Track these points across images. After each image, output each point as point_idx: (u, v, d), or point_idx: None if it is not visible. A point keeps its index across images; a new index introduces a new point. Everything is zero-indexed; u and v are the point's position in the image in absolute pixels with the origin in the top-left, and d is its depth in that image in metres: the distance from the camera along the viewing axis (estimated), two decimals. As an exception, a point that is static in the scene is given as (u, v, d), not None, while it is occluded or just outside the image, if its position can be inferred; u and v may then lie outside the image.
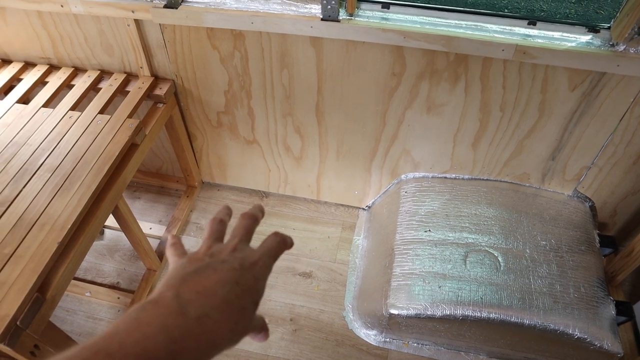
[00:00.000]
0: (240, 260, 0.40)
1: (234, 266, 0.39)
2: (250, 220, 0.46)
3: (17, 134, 1.36)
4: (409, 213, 1.58)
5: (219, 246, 0.42)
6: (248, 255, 0.41)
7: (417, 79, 1.36)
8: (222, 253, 0.41)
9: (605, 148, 1.41)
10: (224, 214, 0.48)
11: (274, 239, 0.45)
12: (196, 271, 0.38)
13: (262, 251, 0.43)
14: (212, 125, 1.71)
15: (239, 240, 0.43)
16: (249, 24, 1.30)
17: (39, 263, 1.07)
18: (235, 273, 0.38)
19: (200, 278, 0.37)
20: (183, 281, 0.37)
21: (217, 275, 0.37)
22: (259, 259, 0.41)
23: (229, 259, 0.40)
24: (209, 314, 0.34)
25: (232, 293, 0.37)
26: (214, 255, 0.40)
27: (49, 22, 1.48)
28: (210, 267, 0.38)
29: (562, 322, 1.31)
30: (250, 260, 0.40)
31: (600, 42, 1.19)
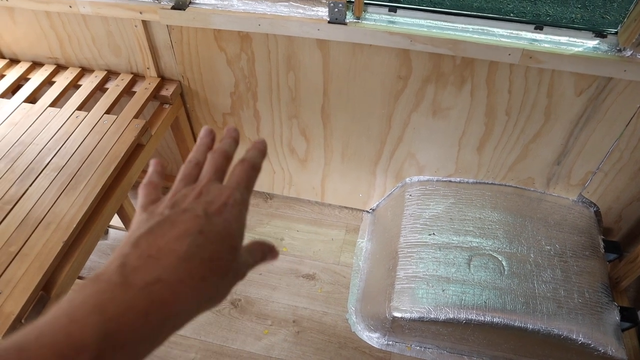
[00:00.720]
0: (205, 204, 0.35)
1: (196, 213, 0.34)
2: (221, 157, 0.40)
3: (24, 133, 1.36)
4: (414, 216, 1.58)
5: (183, 193, 0.37)
6: (215, 197, 0.35)
7: (423, 82, 1.36)
8: (184, 201, 0.36)
9: (611, 153, 1.41)
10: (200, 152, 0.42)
11: (241, 167, 0.39)
12: (150, 230, 0.33)
13: (231, 187, 0.37)
14: (218, 126, 1.72)
15: (206, 181, 0.38)
16: (256, 26, 1.30)
17: (44, 262, 1.07)
18: (198, 221, 0.33)
19: (155, 237, 0.32)
20: (134, 245, 0.32)
21: (175, 229, 0.33)
22: (228, 197, 0.36)
23: (191, 206, 0.35)
24: (161, 278, 0.29)
25: (194, 245, 0.32)
26: (175, 205, 0.35)
27: (57, 22, 1.49)
28: (168, 220, 0.33)
29: (565, 327, 1.30)
30: (218, 203, 0.35)
31: (607, 47, 1.19)
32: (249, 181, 0.38)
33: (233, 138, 0.42)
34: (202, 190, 0.36)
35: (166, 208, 0.35)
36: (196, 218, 0.33)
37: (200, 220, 0.33)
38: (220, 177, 0.39)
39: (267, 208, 1.96)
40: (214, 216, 0.34)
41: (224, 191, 0.36)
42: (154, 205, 0.37)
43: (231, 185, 0.37)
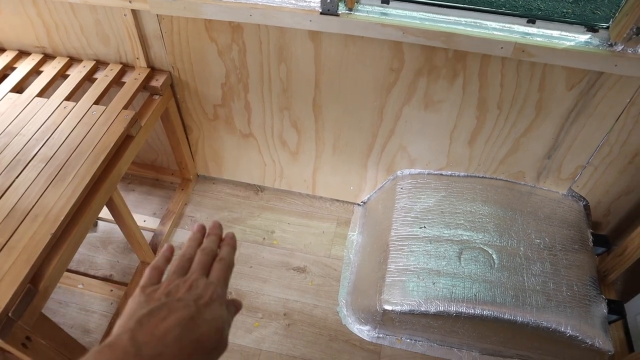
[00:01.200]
0: (195, 296, 0.44)
1: (188, 303, 0.43)
2: (208, 257, 0.51)
3: (11, 124, 1.34)
4: (405, 209, 1.58)
5: (177, 284, 0.46)
6: (202, 291, 0.45)
7: (416, 75, 1.35)
8: (178, 291, 0.45)
9: (601, 148, 1.42)
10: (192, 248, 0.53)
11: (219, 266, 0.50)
12: (151, 312, 0.41)
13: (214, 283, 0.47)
14: (208, 118, 1.70)
15: (195, 277, 0.48)
16: (248, 16, 1.29)
17: (31, 254, 1.06)
18: (190, 309, 0.42)
19: (156, 319, 0.41)
20: (139, 323, 0.40)
21: (172, 315, 0.41)
22: (212, 292, 0.46)
23: (184, 297, 0.44)
24: (162, 353, 0.38)
25: (186, 328, 0.40)
26: (170, 294, 0.45)
27: (43, 10, 1.46)
28: (166, 306, 0.42)
29: (554, 320, 1.31)
30: (206, 297, 0.45)
31: (598, 41, 1.19)
32: (227, 277, 0.50)
33: (217, 235, 0.55)
34: (192, 284, 0.46)
35: (162, 295, 0.44)
36: (187, 307, 0.43)
37: (191, 310, 0.42)
38: (206, 272, 0.49)
39: (258, 200, 1.95)
40: (203, 307, 0.43)
41: (209, 287, 0.46)
42: (151, 288, 0.46)
43: (213, 281, 0.48)
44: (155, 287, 0.47)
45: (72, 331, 1.57)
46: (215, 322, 0.43)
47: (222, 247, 0.53)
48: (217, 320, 0.43)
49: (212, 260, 0.51)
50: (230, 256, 0.52)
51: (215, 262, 0.51)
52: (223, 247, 0.53)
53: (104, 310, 1.62)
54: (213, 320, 0.43)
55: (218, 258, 0.51)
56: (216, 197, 1.97)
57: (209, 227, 0.57)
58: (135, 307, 0.43)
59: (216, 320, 0.43)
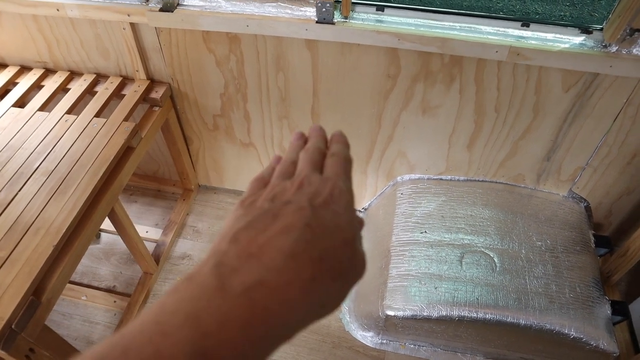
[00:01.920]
0: (309, 195, 0.31)
1: (301, 205, 0.30)
2: (316, 152, 0.38)
3: (13, 138, 1.35)
4: (405, 215, 1.58)
5: (282, 186, 0.33)
6: (319, 188, 0.32)
7: (412, 80, 1.36)
8: (285, 193, 0.32)
9: (600, 148, 1.42)
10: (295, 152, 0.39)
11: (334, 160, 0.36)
12: (249, 224, 0.29)
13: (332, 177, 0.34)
14: (208, 128, 1.72)
15: (306, 173, 0.34)
16: (244, 27, 1.30)
17: (34, 266, 1.06)
18: (304, 213, 0.29)
19: (255, 232, 0.28)
20: (232, 241, 0.28)
21: (278, 223, 0.29)
22: (332, 187, 0.32)
23: (294, 198, 0.31)
24: (264, 281, 0.26)
25: (301, 240, 0.28)
26: (275, 198, 0.32)
27: (44, 25, 1.48)
28: (270, 213, 0.30)
29: (558, 322, 1.31)
30: (324, 194, 0.31)
31: (593, 43, 1.20)
32: (347, 172, 0.36)
33: (322, 136, 0.41)
34: (303, 181, 0.33)
35: (265, 201, 0.32)
36: (301, 210, 0.29)
37: (306, 212, 0.29)
38: (317, 168, 0.36)
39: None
40: (321, 208, 0.30)
41: (327, 182, 0.33)
42: (251, 198, 0.33)
43: (331, 176, 0.34)
44: (257, 195, 0.34)
45: (76, 343, 1.57)
46: (342, 231, 0.30)
47: (331, 144, 0.40)
48: (344, 228, 0.30)
49: (322, 158, 0.37)
50: (346, 151, 0.38)
51: (327, 157, 0.37)
52: (333, 144, 0.39)
53: (108, 322, 1.63)
54: (338, 228, 0.29)
55: (329, 154, 0.38)
56: (218, 206, 1.98)
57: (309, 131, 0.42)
58: (231, 222, 0.31)
59: (343, 229, 0.30)
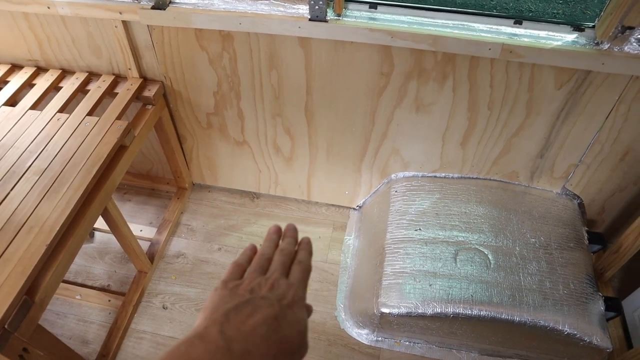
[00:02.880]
0: (278, 296, 0.44)
1: (272, 302, 0.43)
2: (286, 257, 0.51)
3: (4, 137, 1.34)
4: (400, 212, 1.58)
5: (259, 282, 0.46)
6: (284, 291, 0.45)
7: (406, 78, 1.36)
8: (261, 289, 0.45)
9: (592, 146, 1.42)
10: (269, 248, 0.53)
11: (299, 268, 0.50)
12: (237, 307, 0.42)
13: (294, 285, 0.47)
14: (202, 126, 1.71)
15: (276, 276, 0.47)
16: (237, 24, 1.30)
17: (27, 266, 1.06)
18: (274, 309, 0.42)
19: (242, 315, 0.41)
20: (226, 317, 0.40)
21: (258, 312, 0.41)
22: (294, 294, 0.45)
23: (267, 295, 0.44)
24: (250, 351, 0.38)
25: (272, 328, 0.40)
26: (253, 291, 0.44)
27: (35, 23, 1.47)
28: (250, 303, 0.42)
29: (551, 319, 1.32)
30: (289, 298, 0.44)
31: (585, 40, 1.20)
32: (305, 280, 0.49)
33: (293, 237, 0.55)
34: (274, 283, 0.46)
35: (246, 291, 0.44)
36: (272, 306, 0.42)
37: (275, 309, 0.42)
38: (286, 272, 0.49)
39: (254, 207, 1.96)
40: (286, 308, 0.43)
41: (291, 287, 0.46)
42: (233, 283, 0.46)
43: (294, 283, 0.47)
44: (237, 282, 0.47)
45: (70, 342, 1.57)
46: (297, 324, 0.43)
47: (299, 251, 0.53)
48: (300, 322, 0.43)
49: (290, 262, 0.51)
50: (308, 260, 0.52)
51: (294, 264, 0.51)
52: (300, 251, 0.53)
53: (103, 321, 1.62)
54: (296, 322, 0.43)
55: (297, 261, 0.51)
56: (212, 205, 1.97)
57: (284, 229, 0.57)
58: (219, 301, 0.43)
59: (299, 323, 0.43)
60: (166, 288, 1.70)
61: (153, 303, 1.66)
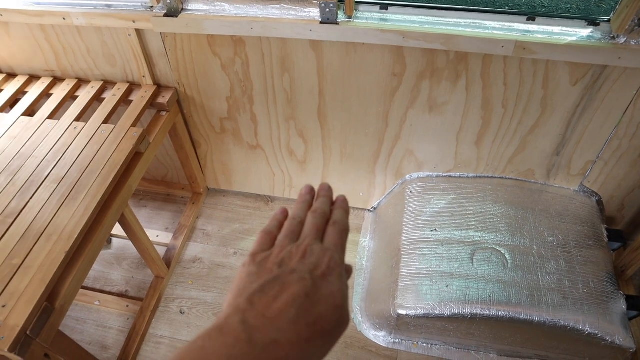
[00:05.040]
0: (311, 267, 0.39)
1: (302, 276, 0.38)
2: (320, 218, 0.45)
3: (23, 146, 1.37)
4: (415, 213, 1.58)
5: (290, 250, 0.41)
6: (319, 259, 0.40)
7: (418, 78, 1.36)
8: (291, 260, 0.40)
9: (610, 141, 1.40)
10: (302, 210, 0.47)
11: (334, 230, 0.44)
12: (263, 288, 0.37)
13: (330, 249, 0.42)
14: (216, 131, 1.72)
15: (309, 241, 0.42)
16: (249, 29, 1.31)
17: (47, 273, 1.07)
18: (305, 284, 0.37)
19: (268, 297, 0.36)
20: (250, 303, 0.36)
21: (285, 292, 0.36)
22: (329, 259, 0.40)
23: (298, 267, 0.39)
24: (277, 339, 0.33)
25: (302, 309, 0.35)
26: (283, 264, 0.40)
27: (51, 34, 1.50)
28: (279, 280, 0.37)
29: (572, 318, 1.30)
30: (322, 266, 0.39)
31: (600, 35, 1.18)
32: (343, 244, 0.44)
33: (328, 197, 0.49)
34: (307, 250, 0.41)
35: (274, 265, 0.40)
36: (302, 280, 0.37)
37: (306, 283, 0.37)
38: (320, 236, 0.44)
39: (269, 211, 1.96)
40: (319, 279, 0.38)
41: (326, 253, 0.41)
42: (262, 255, 0.41)
43: (330, 247, 0.42)
44: (266, 253, 0.42)
45: (90, 348, 1.59)
46: (334, 297, 0.37)
47: (334, 210, 0.47)
48: (336, 295, 0.38)
49: (325, 224, 0.45)
50: (345, 219, 0.46)
51: (329, 225, 0.45)
52: (335, 210, 0.47)
53: (121, 326, 1.64)
54: (331, 295, 0.37)
55: (331, 221, 0.45)
56: (227, 209, 1.98)
57: (317, 189, 0.51)
58: (245, 280, 0.39)
59: (335, 296, 0.37)
60: (183, 293, 1.72)
61: (170, 308, 1.68)
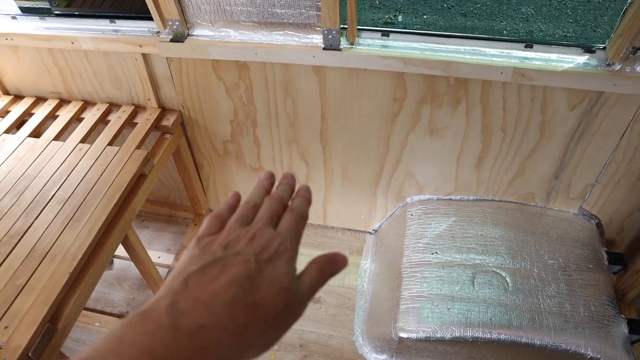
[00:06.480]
0: (257, 249, 0.35)
1: (247, 258, 0.34)
2: (277, 204, 0.42)
3: (29, 167, 1.39)
4: (416, 236, 1.58)
5: (238, 234, 0.38)
6: (267, 242, 0.36)
7: (419, 103, 1.39)
8: (238, 242, 0.36)
9: (608, 165, 1.42)
10: (259, 194, 0.43)
11: (291, 216, 0.40)
12: (202, 269, 0.33)
13: (282, 234, 0.38)
14: (219, 154, 1.74)
15: (260, 225, 0.38)
16: (253, 55, 1.34)
17: (50, 294, 1.08)
18: (248, 265, 0.34)
19: (205, 278, 0.32)
20: (184, 284, 0.32)
21: (226, 273, 0.33)
22: (279, 244, 0.37)
23: (244, 250, 0.35)
24: (206, 325, 0.30)
25: (240, 290, 0.32)
26: (229, 246, 0.36)
27: (59, 58, 1.53)
28: (220, 261, 0.34)
29: (573, 342, 1.29)
30: (270, 249, 0.36)
31: (596, 62, 1.21)
32: (298, 230, 0.39)
33: (289, 185, 0.45)
34: (256, 233, 0.37)
35: (219, 247, 0.36)
36: (246, 262, 0.34)
37: (249, 265, 0.34)
38: (273, 222, 0.40)
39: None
40: (265, 263, 0.35)
41: (276, 237, 0.37)
42: (208, 239, 0.38)
43: (282, 232, 0.38)
44: (213, 237, 0.38)
45: (90, 370, 1.57)
46: (279, 280, 0.34)
47: (294, 198, 0.43)
48: (282, 279, 0.34)
49: (282, 210, 0.41)
50: (304, 208, 0.42)
51: (286, 212, 0.41)
52: (296, 198, 0.43)
53: (121, 348, 1.63)
54: (277, 278, 0.34)
55: (289, 208, 0.41)
56: (229, 230, 1.99)
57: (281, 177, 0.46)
58: (186, 262, 0.35)
59: (281, 279, 0.34)
60: (184, 314, 1.71)
61: (171, 330, 1.67)
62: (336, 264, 0.39)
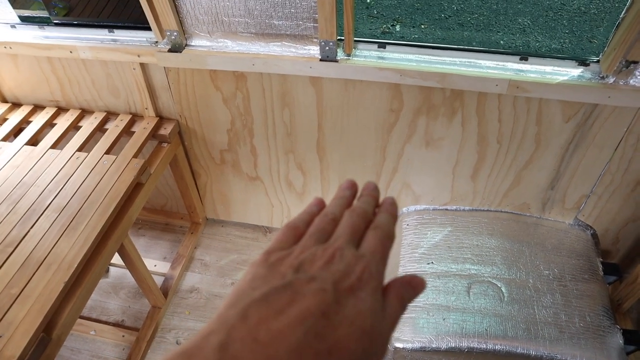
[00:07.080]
0: (336, 275, 0.29)
1: (322, 287, 0.28)
2: (360, 218, 0.35)
3: (26, 175, 1.39)
4: (411, 246, 1.59)
5: (313, 252, 0.31)
6: (348, 267, 0.30)
7: (415, 114, 1.39)
8: (313, 264, 0.30)
9: (603, 176, 1.43)
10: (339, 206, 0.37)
11: (375, 235, 0.34)
12: (266, 297, 0.27)
13: (367, 256, 0.31)
14: (216, 163, 1.75)
15: (340, 244, 0.32)
16: (250, 65, 1.34)
17: (45, 303, 1.08)
18: (324, 298, 0.27)
19: (269, 310, 0.26)
20: (243, 316, 0.26)
21: (295, 305, 0.27)
22: (363, 269, 0.30)
23: (319, 274, 0.29)
24: None
25: (311, 333, 0.25)
26: (301, 268, 0.30)
27: (58, 66, 1.54)
28: (290, 288, 0.28)
29: (569, 353, 1.30)
30: (352, 277, 0.29)
31: (590, 75, 1.22)
32: (384, 253, 0.33)
33: (373, 197, 0.38)
34: (335, 254, 0.31)
35: (290, 268, 0.30)
36: (322, 293, 0.27)
37: (326, 297, 0.27)
38: (355, 240, 0.33)
39: (267, 242, 1.97)
40: (345, 293, 0.28)
41: (359, 261, 0.30)
42: (278, 255, 0.32)
43: (366, 254, 0.31)
44: (283, 252, 0.32)
45: (84, 380, 1.57)
46: (362, 319, 0.27)
47: (378, 213, 0.36)
48: (365, 316, 0.27)
49: (364, 227, 0.35)
50: (391, 225, 0.35)
51: (370, 229, 0.34)
52: (380, 214, 0.36)
53: (116, 356, 1.62)
54: (359, 316, 0.27)
55: (373, 225, 0.34)
56: (225, 239, 1.99)
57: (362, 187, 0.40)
58: (247, 285, 0.29)
59: (363, 318, 0.27)
60: (180, 323, 1.71)
61: (167, 338, 1.66)
62: (414, 289, 0.32)
